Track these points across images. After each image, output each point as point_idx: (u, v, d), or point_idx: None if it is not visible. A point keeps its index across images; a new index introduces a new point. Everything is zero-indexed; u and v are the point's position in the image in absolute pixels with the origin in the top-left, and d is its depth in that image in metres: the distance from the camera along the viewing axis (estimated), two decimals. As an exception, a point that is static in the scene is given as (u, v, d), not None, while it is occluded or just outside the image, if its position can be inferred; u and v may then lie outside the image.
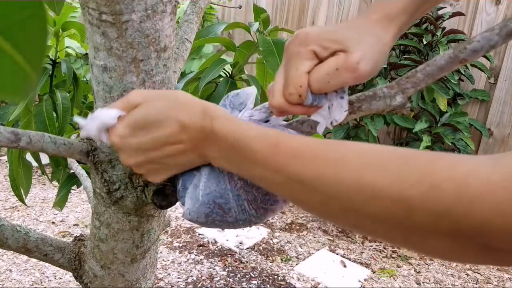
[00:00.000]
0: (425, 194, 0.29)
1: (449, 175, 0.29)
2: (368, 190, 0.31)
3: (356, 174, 0.32)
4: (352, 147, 0.35)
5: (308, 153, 0.36)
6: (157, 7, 0.46)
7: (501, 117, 2.68)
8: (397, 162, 0.31)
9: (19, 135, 0.46)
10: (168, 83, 0.52)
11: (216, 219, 0.47)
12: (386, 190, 0.30)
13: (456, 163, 0.29)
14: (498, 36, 0.36)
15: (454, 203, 0.28)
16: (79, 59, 3.10)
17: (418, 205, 0.29)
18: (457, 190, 0.28)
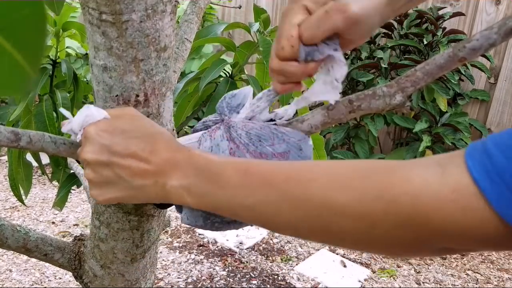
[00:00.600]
0: (384, 209, 0.32)
1: (405, 189, 0.31)
2: (334, 208, 0.33)
3: (324, 194, 0.34)
4: (323, 166, 0.37)
5: (280, 175, 0.37)
6: (157, 7, 0.46)
7: (501, 117, 2.68)
8: (359, 179, 0.34)
9: (19, 135, 0.46)
10: (168, 82, 0.52)
11: (215, 221, 0.47)
12: (350, 207, 0.33)
13: (410, 176, 0.31)
14: (497, 35, 0.36)
15: (411, 215, 0.31)
16: (79, 59, 3.10)
17: (379, 219, 0.32)
18: (413, 203, 0.31)
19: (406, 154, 2.54)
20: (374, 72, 2.65)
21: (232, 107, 0.50)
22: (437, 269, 2.25)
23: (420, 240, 0.32)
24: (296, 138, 0.47)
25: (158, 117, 0.53)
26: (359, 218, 0.32)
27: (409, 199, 0.31)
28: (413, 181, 0.31)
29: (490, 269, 2.28)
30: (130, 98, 0.50)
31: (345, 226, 0.33)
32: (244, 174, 0.38)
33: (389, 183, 0.32)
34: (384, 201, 0.32)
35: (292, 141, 0.47)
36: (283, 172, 0.37)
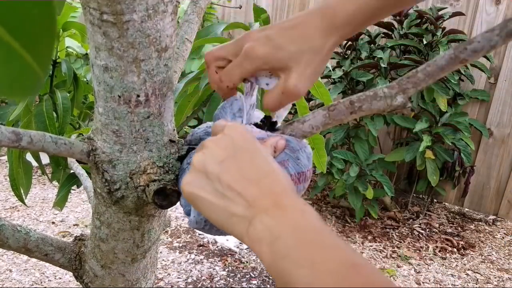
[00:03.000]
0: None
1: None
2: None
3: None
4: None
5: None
6: (158, 7, 0.46)
7: (501, 117, 2.68)
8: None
9: (20, 135, 0.46)
10: (169, 83, 0.52)
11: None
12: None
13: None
14: (498, 37, 0.36)
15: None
16: (79, 59, 3.10)
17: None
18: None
19: (406, 154, 2.54)
20: (373, 72, 2.65)
21: (235, 114, 0.51)
22: (437, 269, 2.25)
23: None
24: (294, 147, 0.47)
25: (159, 117, 0.53)
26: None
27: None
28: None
29: (490, 269, 2.28)
30: (131, 98, 0.50)
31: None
32: (347, 270, 0.31)
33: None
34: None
35: (290, 150, 0.47)
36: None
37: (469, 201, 2.86)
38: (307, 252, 0.32)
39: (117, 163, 0.54)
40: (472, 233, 2.67)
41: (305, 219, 0.34)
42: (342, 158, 2.57)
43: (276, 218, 0.35)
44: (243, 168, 0.39)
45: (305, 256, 0.32)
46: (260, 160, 0.40)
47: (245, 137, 0.41)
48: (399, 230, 2.64)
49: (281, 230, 0.34)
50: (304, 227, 0.34)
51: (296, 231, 0.33)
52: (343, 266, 0.31)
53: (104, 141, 0.53)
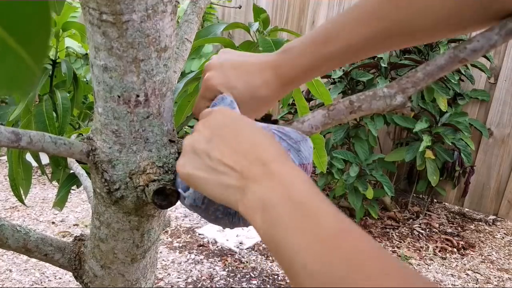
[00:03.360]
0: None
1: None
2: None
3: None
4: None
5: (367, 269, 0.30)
6: (157, 7, 0.46)
7: (501, 117, 2.68)
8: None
9: (20, 135, 0.46)
10: (168, 83, 0.52)
11: (218, 209, 0.47)
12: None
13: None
14: (498, 36, 0.36)
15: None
16: (79, 59, 3.10)
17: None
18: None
19: (406, 154, 2.54)
20: (374, 72, 2.65)
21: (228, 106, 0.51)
22: (437, 269, 2.25)
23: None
24: (295, 138, 0.47)
25: (158, 117, 0.52)
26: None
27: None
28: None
29: (490, 269, 2.28)
30: (130, 98, 0.50)
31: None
32: (336, 237, 0.31)
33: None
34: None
35: (291, 141, 0.47)
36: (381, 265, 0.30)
37: (469, 201, 2.86)
38: (296, 220, 0.33)
39: (117, 163, 0.54)
40: (472, 233, 2.67)
41: (295, 185, 0.35)
42: (342, 158, 2.57)
43: (266, 187, 0.36)
44: (230, 142, 0.40)
45: (295, 225, 0.32)
46: (246, 132, 0.41)
47: (230, 114, 0.44)
48: (399, 230, 2.64)
49: (272, 198, 0.35)
50: (294, 194, 0.34)
51: (285, 199, 0.34)
52: (331, 233, 0.31)
53: (104, 141, 0.53)
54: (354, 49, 0.45)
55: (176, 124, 0.96)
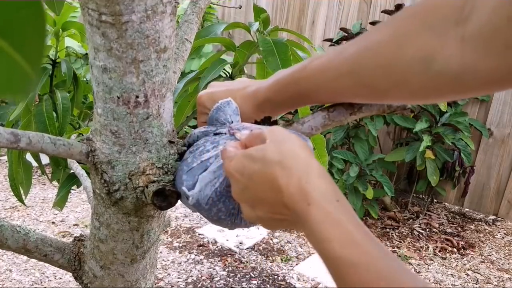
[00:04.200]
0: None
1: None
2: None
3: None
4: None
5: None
6: (157, 8, 0.46)
7: (501, 117, 2.68)
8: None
9: (19, 136, 0.46)
10: (168, 83, 0.52)
11: (221, 210, 0.47)
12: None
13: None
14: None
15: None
16: (79, 59, 3.10)
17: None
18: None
19: (406, 154, 2.54)
20: (374, 72, 2.65)
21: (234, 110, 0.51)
22: (437, 269, 2.25)
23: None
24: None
25: (158, 118, 0.52)
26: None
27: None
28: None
29: (490, 269, 2.28)
30: (130, 99, 0.49)
31: None
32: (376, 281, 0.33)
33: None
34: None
35: None
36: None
37: (469, 201, 2.86)
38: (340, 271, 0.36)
39: (116, 164, 0.54)
40: (472, 233, 2.67)
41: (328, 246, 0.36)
42: (342, 158, 2.57)
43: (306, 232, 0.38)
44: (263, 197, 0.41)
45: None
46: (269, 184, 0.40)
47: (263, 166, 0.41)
48: (399, 230, 2.64)
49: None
50: (335, 260, 0.36)
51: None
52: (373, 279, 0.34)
53: (103, 142, 0.53)
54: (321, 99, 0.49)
55: (176, 124, 0.96)
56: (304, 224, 0.36)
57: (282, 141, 0.41)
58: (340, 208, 0.36)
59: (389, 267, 0.34)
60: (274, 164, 0.39)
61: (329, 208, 0.36)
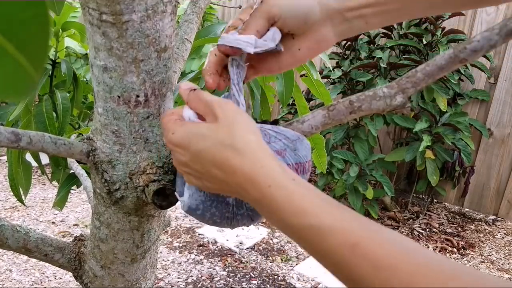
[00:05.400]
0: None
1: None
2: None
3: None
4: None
5: (400, 275, 0.32)
6: (157, 7, 0.46)
7: (501, 117, 2.68)
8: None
9: (20, 135, 0.46)
10: (168, 83, 0.52)
11: (215, 215, 0.47)
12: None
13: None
14: (498, 36, 0.36)
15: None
16: (79, 59, 3.10)
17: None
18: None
19: (406, 154, 2.54)
20: (373, 72, 2.65)
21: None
22: (437, 269, 2.25)
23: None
24: (291, 137, 0.47)
25: (158, 118, 0.52)
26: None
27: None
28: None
29: (490, 269, 2.28)
30: (130, 98, 0.50)
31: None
32: (352, 250, 0.33)
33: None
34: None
35: (287, 140, 0.47)
36: (406, 269, 0.31)
37: (469, 201, 2.86)
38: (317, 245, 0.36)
39: (117, 164, 0.54)
40: (472, 233, 2.67)
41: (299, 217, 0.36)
42: (342, 158, 2.57)
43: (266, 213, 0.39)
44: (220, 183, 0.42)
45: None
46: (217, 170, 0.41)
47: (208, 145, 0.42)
48: (399, 230, 2.64)
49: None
50: (308, 227, 0.36)
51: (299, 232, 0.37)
52: (345, 247, 0.34)
53: (104, 142, 0.53)
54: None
55: (176, 124, 0.96)
56: (268, 204, 0.37)
57: (234, 123, 0.41)
58: (299, 184, 0.37)
59: (362, 227, 0.34)
60: (226, 146, 0.40)
61: (291, 186, 0.37)
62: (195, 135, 0.42)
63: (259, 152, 0.39)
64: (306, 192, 0.36)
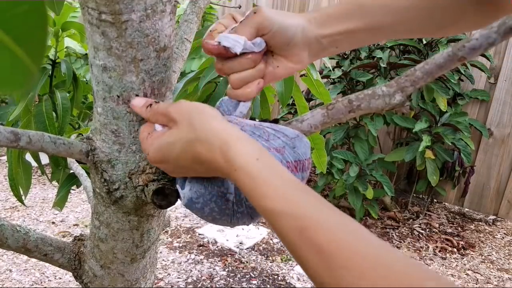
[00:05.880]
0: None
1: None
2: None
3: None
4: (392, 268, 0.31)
5: (338, 260, 0.32)
6: (156, 7, 0.46)
7: (501, 117, 2.68)
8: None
9: (19, 135, 0.46)
10: (167, 82, 0.52)
11: (214, 210, 0.47)
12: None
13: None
14: (496, 34, 0.36)
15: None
16: (79, 59, 3.10)
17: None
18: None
19: (406, 154, 2.54)
20: (373, 72, 2.65)
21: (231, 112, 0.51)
22: (437, 269, 2.25)
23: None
24: (289, 135, 0.47)
25: (157, 117, 0.53)
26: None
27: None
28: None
29: (490, 269, 2.28)
30: (129, 98, 0.50)
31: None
32: (300, 234, 0.34)
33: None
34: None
35: (286, 138, 0.47)
36: (345, 254, 0.32)
37: (469, 201, 2.86)
38: (269, 220, 0.37)
39: (116, 163, 0.54)
40: (472, 233, 2.67)
41: (254, 194, 0.38)
42: (342, 158, 2.57)
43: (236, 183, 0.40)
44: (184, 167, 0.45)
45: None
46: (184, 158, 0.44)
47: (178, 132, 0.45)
48: (399, 230, 2.64)
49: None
50: (262, 207, 0.37)
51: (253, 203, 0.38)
52: (294, 230, 0.35)
53: (103, 141, 0.53)
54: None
55: (175, 124, 0.96)
56: (242, 188, 0.39)
57: (191, 118, 0.43)
58: (264, 165, 0.38)
59: (315, 213, 0.35)
60: (192, 142, 0.42)
61: (254, 169, 0.38)
62: (165, 146, 0.45)
63: (223, 135, 0.41)
64: (268, 174, 0.37)
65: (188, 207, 0.48)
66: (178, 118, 0.44)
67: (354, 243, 0.32)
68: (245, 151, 0.39)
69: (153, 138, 0.47)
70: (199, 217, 0.49)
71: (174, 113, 0.45)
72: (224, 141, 0.40)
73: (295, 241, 0.34)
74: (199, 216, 0.49)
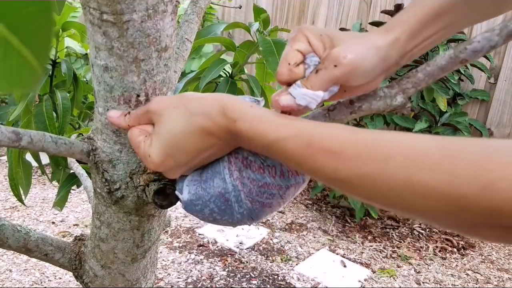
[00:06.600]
0: (477, 194, 0.29)
1: (503, 174, 0.29)
2: (418, 189, 0.31)
3: (404, 174, 0.32)
4: (396, 144, 0.34)
5: (347, 153, 0.35)
6: (158, 7, 0.46)
7: (501, 117, 2.69)
8: (447, 159, 0.31)
9: (20, 135, 0.46)
10: (168, 82, 0.52)
11: (214, 211, 0.47)
12: (437, 189, 0.30)
13: (509, 161, 0.29)
14: (498, 37, 0.36)
15: (506, 202, 0.28)
16: (79, 59, 3.10)
17: (470, 204, 0.29)
18: (510, 189, 0.28)
19: (406, 154, 2.54)
20: (374, 72, 2.65)
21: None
22: (437, 269, 2.25)
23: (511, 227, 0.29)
24: None
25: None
26: (447, 201, 0.30)
27: (506, 186, 0.28)
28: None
29: (490, 269, 2.28)
30: (131, 98, 0.50)
31: (431, 206, 0.31)
32: (307, 146, 0.36)
33: (484, 167, 0.29)
34: (478, 185, 0.29)
35: None
36: (352, 147, 0.35)
37: (469, 201, 2.86)
38: (282, 158, 0.40)
39: (117, 163, 0.54)
40: (472, 233, 2.67)
41: (261, 135, 0.40)
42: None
43: (247, 144, 0.42)
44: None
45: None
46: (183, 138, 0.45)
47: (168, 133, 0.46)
48: (399, 230, 2.64)
49: (259, 151, 0.42)
50: (267, 145, 0.39)
51: (265, 150, 0.40)
52: (301, 146, 0.37)
53: (104, 141, 0.53)
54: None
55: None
56: (242, 138, 0.41)
57: (174, 101, 0.45)
58: (257, 109, 0.41)
59: (316, 128, 0.37)
60: (190, 118, 0.43)
61: (250, 113, 0.40)
62: (166, 136, 0.45)
63: (214, 101, 0.43)
64: (263, 115, 0.40)
65: (189, 211, 0.48)
66: (161, 107, 0.45)
67: (355, 138, 0.35)
68: (239, 104, 0.42)
69: (147, 139, 0.46)
70: (201, 219, 0.49)
71: (155, 106, 0.46)
72: (218, 104, 0.42)
73: (305, 155, 0.36)
74: (201, 219, 0.49)
